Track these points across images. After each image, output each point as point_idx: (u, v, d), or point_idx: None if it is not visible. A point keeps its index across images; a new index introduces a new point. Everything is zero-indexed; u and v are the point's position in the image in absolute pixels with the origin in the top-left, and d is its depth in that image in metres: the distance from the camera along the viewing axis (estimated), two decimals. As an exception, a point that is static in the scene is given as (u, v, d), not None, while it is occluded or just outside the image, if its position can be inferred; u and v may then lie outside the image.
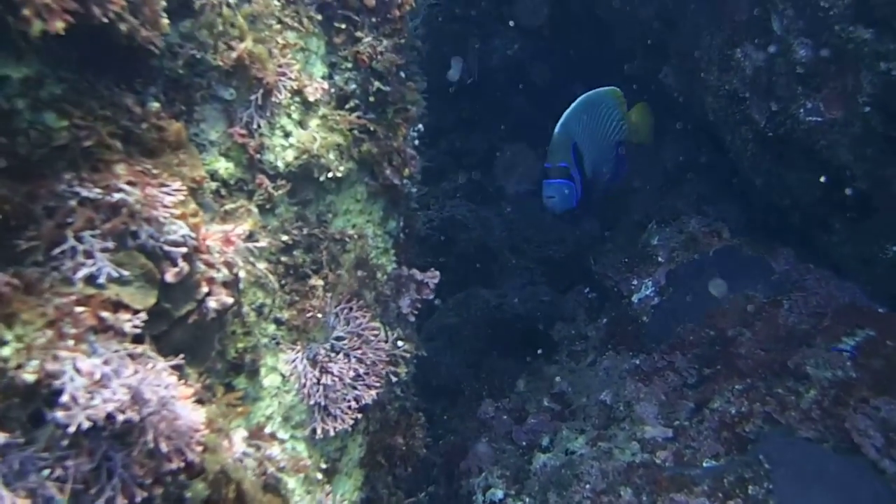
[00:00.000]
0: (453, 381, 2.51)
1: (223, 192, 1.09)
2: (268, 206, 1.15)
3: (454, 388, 2.48)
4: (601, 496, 1.79)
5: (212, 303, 0.94)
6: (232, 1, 1.05)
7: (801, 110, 1.88)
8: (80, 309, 0.80)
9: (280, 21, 1.14)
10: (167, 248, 0.88)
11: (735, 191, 2.42)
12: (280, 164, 1.15)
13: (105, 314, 0.81)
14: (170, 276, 0.88)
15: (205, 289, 0.93)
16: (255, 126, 1.11)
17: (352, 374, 1.19)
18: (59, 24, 0.74)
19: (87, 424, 0.75)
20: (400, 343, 1.32)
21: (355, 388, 1.20)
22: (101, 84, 0.89)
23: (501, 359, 2.58)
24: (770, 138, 2.03)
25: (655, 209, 2.57)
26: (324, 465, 1.20)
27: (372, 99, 1.26)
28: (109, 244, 0.83)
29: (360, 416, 1.21)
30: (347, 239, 1.26)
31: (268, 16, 1.11)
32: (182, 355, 0.89)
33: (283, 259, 1.17)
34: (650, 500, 1.72)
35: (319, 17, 1.20)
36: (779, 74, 1.94)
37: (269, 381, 1.14)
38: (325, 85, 1.19)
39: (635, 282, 2.32)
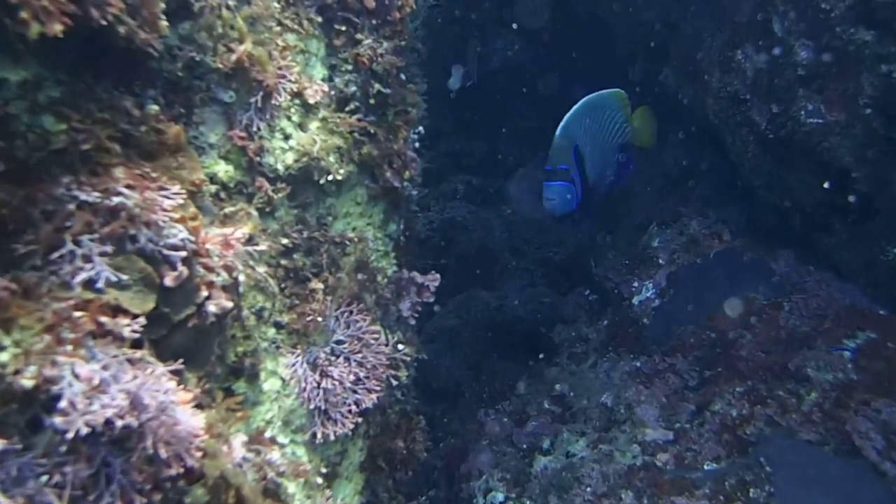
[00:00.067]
0: (454, 383, 2.50)
1: (223, 195, 1.08)
2: (268, 210, 1.14)
3: (454, 390, 2.48)
4: (602, 499, 1.79)
5: (211, 307, 0.94)
6: (231, 3, 1.04)
7: (802, 112, 1.88)
8: (78, 314, 0.79)
9: (280, 23, 1.14)
10: (166, 251, 0.87)
11: (736, 193, 2.41)
12: (280, 166, 1.14)
13: (104, 319, 0.81)
14: (169, 281, 0.87)
15: (204, 293, 0.93)
16: (255, 129, 1.10)
17: (352, 377, 1.19)
18: (57, 27, 0.73)
19: (85, 430, 0.75)
20: (400, 346, 1.31)
21: (355, 391, 1.19)
22: (99, 87, 0.88)
23: (502, 361, 2.57)
24: (771, 140, 2.03)
25: (656, 211, 2.57)
26: (324, 470, 1.19)
27: (372, 101, 1.26)
28: (108, 248, 0.83)
29: (360, 420, 1.20)
30: (348, 242, 1.25)
31: (267, 18, 1.10)
32: (181, 360, 0.89)
33: (282, 262, 1.16)
34: (651, 503, 1.72)
35: (319, 19, 1.19)
36: (780, 76, 1.93)
37: (269, 385, 1.13)
38: (326, 87, 1.18)
39: (636, 284, 2.31)
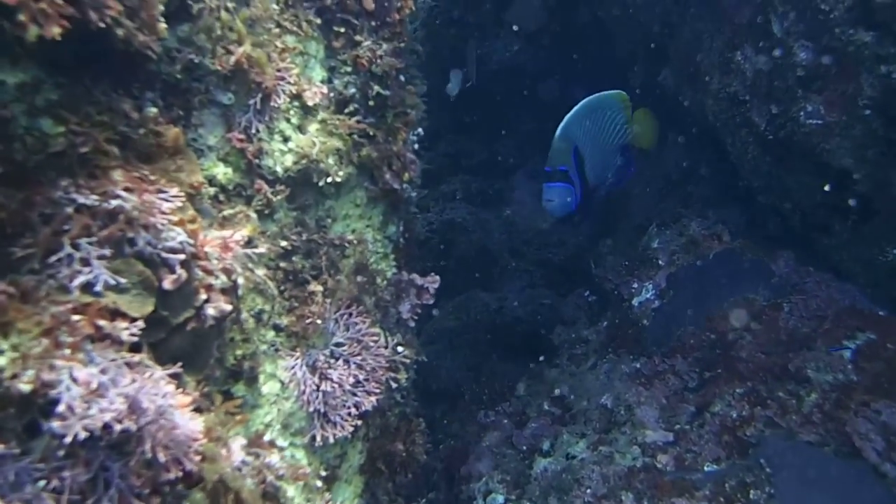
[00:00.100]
0: (453, 384, 2.50)
1: (221, 197, 1.08)
2: (267, 212, 1.14)
3: (454, 392, 2.47)
4: (602, 501, 1.78)
5: (210, 310, 0.93)
6: (230, 5, 1.04)
7: (802, 113, 1.88)
8: (76, 317, 0.79)
9: (279, 25, 1.13)
10: (165, 254, 0.87)
11: (736, 194, 2.41)
12: (279, 168, 1.14)
13: (102, 322, 0.80)
14: (167, 284, 0.87)
15: (203, 296, 0.93)
16: (254, 131, 1.10)
17: (351, 380, 1.18)
18: (55, 30, 0.73)
19: (83, 434, 0.74)
20: (400, 348, 1.31)
21: (355, 394, 1.19)
22: (97, 89, 0.88)
23: (501, 362, 2.57)
24: (770, 141, 2.03)
25: (656, 212, 2.56)
26: (323, 473, 1.19)
27: (371, 103, 1.25)
28: (106, 251, 0.83)
29: (359, 422, 1.20)
30: (347, 244, 1.25)
31: (266, 20, 1.10)
32: (180, 363, 0.89)
33: (282, 265, 1.16)
34: (651, 505, 1.71)
35: (318, 20, 1.19)
36: (779, 77, 1.93)
37: (268, 388, 1.13)
38: (325, 89, 1.18)
39: (636, 285, 2.31)
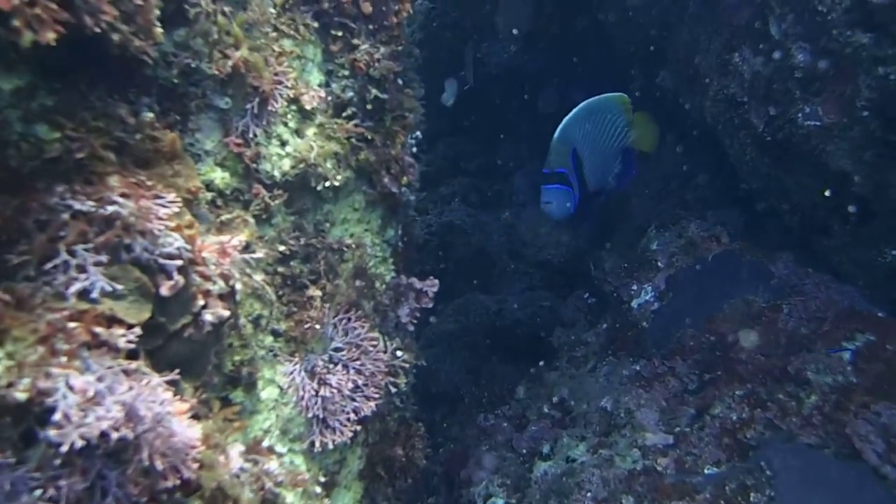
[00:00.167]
0: (453, 387, 2.49)
1: (219, 202, 1.07)
2: (264, 216, 1.13)
3: (454, 394, 2.46)
4: (602, 504, 1.78)
5: (208, 316, 0.93)
6: (227, 9, 1.04)
7: (800, 115, 1.88)
8: (72, 324, 0.78)
9: (276, 29, 1.13)
10: (162, 260, 0.87)
11: (734, 195, 2.41)
12: (277, 173, 1.13)
13: (99, 329, 0.80)
14: (165, 290, 0.86)
15: (201, 302, 0.92)
16: (252, 135, 1.09)
17: (350, 385, 1.18)
18: (50, 35, 0.72)
19: (80, 443, 0.74)
20: (399, 353, 1.30)
21: (354, 399, 1.18)
22: (93, 94, 0.87)
23: (501, 365, 2.56)
24: (769, 143, 2.03)
25: (655, 214, 2.56)
26: (322, 479, 1.18)
27: (369, 106, 1.25)
28: (103, 258, 0.82)
29: (359, 427, 1.19)
30: (345, 248, 1.24)
31: (264, 24, 1.09)
32: (177, 370, 0.88)
33: (280, 269, 1.16)
34: (652, 508, 1.71)
35: (316, 24, 1.18)
36: (777, 79, 1.93)
37: (267, 393, 1.12)
38: (322, 93, 1.17)
39: (635, 287, 2.31)
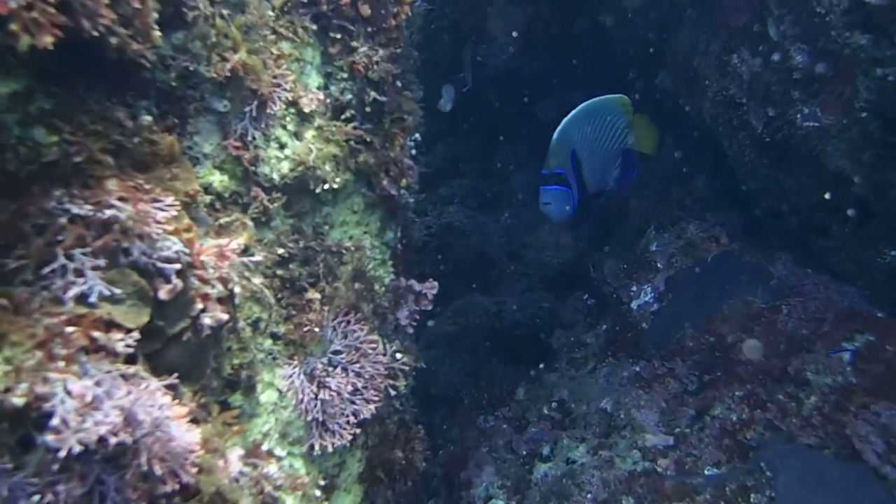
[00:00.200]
0: (452, 389, 2.48)
1: (218, 205, 1.07)
2: (263, 219, 1.13)
3: (453, 397, 2.46)
4: (602, 506, 1.77)
5: (206, 319, 0.92)
6: (225, 12, 1.04)
7: (799, 116, 1.88)
8: (70, 329, 0.78)
9: (275, 31, 1.13)
10: (160, 264, 0.86)
11: (733, 196, 2.41)
12: (275, 176, 1.13)
13: (97, 334, 0.79)
14: (163, 294, 0.86)
15: (199, 305, 0.92)
16: (250, 138, 1.09)
17: (350, 388, 1.18)
18: (47, 39, 0.72)
19: (78, 448, 0.73)
20: (398, 355, 1.30)
21: (353, 402, 1.18)
22: (91, 98, 0.87)
23: (501, 366, 2.56)
24: (767, 144, 2.03)
25: (654, 215, 2.56)
26: (322, 482, 1.18)
27: (368, 109, 1.25)
28: (101, 262, 0.82)
29: (358, 430, 1.19)
30: (344, 251, 1.24)
31: (262, 26, 1.09)
32: (176, 374, 0.88)
33: (279, 272, 1.15)
34: (652, 510, 1.71)
35: (314, 27, 1.18)
36: (775, 80, 1.93)
37: (266, 397, 1.12)
38: (321, 95, 1.17)
39: (634, 288, 2.30)
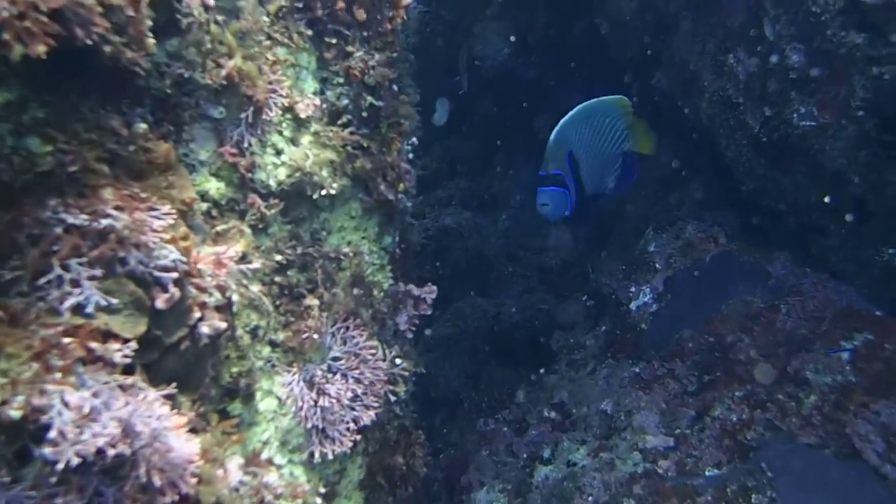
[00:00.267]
0: (452, 392, 2.48)
1: (214, 212, 1.07)
2: (260, 226, 1.12)
3: (453, 399, 2.45)
4: (604, 508, 1.77)
5: (204, 328, 0.92)
6: (220, 18, 1.03)
7: (795, 115, 1.88)
8: (67, 340, 0.77)
9: (270, 37, 1.12)
10: (157, 273, 0.86)
11: (731, 196, 2.41)
12: (272, 182, 1.13)
13: (94, 344, 0.79)
14: (160, 303, 0.86)
15: (197, 314, 0.91)
16: (246, 144, 1.09)
17: (350, 394, 1.17)
18: (40, 49, 0.71)
19: (76, 460, 0.73)
20: (398, 361, 1.29)
21: (353, 409, 1.17)
22: (85, 106, 0.86)
23: (500, 368, 2.55)
24: (764, 143, 2.03)
25: (652, 215, 2.56)
26: (322, 490, 1.17)
27: (365, 114, 1.24)
28: (97, 272, 0.81)
29: (358, 437, 1.18)
30: (343, 257, 1.24)
31: (257, 32, 1.09)
32: (174, 384, 0.87)
33: (277, 279, 1.15)
34: (653, 512, 1.70)
35: (310, 32, 1.18)
36: (772, 80, 1.94)
37: (265, 405, 1.11)
38: (317, 101, 1.17)
39: (633, 289, 2.30)
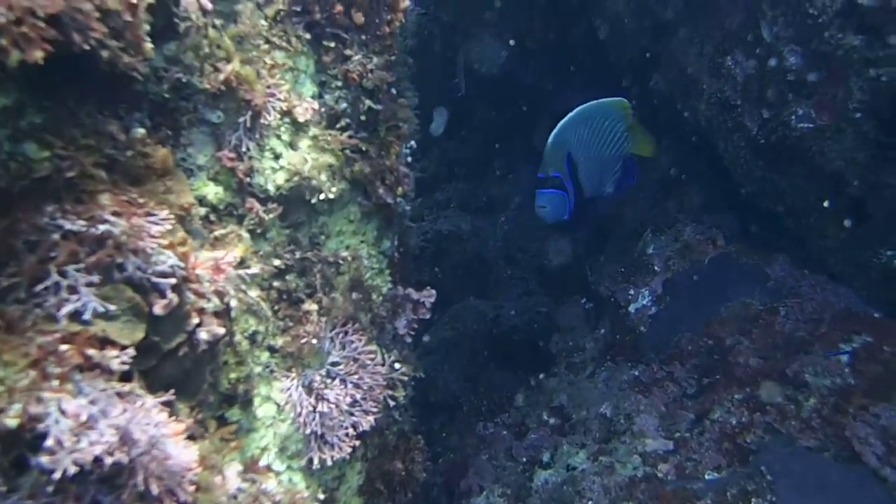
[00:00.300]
0: (451, 396, 2.47)
1: (212, 217, 1.06)
2: (259, 231, 1.12)
3: (452, 403, 2.45)
4: (604, 512, 1.77)
5: (202, 334, 0.91)
6: (218, 22, 1.03)
7: (793, 117, 1.88)
8: (64, 347, 0.77)
9: (268, 41, 1.12)
10: (155, 279, 0.85)
11: (729, 198, 2.41)
12: (270, 186, 1.12)
13: (91, 351, 0.78)
14: (158, 309, 0.85)
15: (195, 320, 0.91)
16: (244, 149, 1.08)
17: (348, 400, 1.16)
18: (38, 54, 0.71)
19: (73, 469, 0.72)
20: (397, 365, 1.29)
21: (352, 414, 1.17)
22: (83, 111, 0.86)
23: (499, 371, 2.55)
24: (762, 145, 2.03)
25: (650, 217, 2.56)
26: (321, 496, 1.16)
27: (363, 117, 1.24)
28: (95, 278, 0.80)
29: (357, 443, 1.17)
30: (341, 261, 1.23)
31: (255, 36, 1.08)
32: (172, 390, 0.86)
33: (275, 284, 1.14)
34: (653, 515, 1.70)
35: (308, 35, 1.17)
36: (770, 82, 1.94)
37: (264, 411, 1.10)
38: (315, 105, 1.16)
39: (632, 291, 2.30)
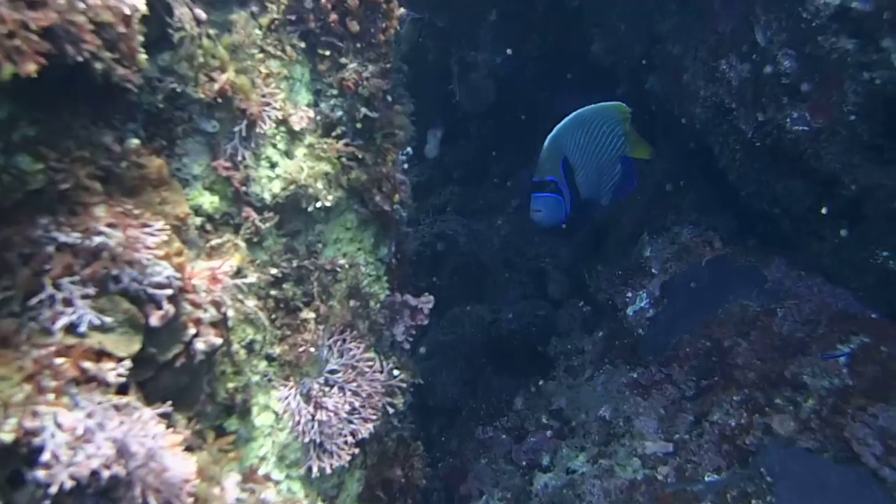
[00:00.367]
0: (450, 400, 2.47)
1: (209, 226, 1.06)
2: (255, 240, 1.12)
3: (451, 407, 2.44)
4: (604, 515, 1.77)
5: (199, 344, 0.91)
6: (212, 32, 1.03)
7: (788, 120, 1.89)
8: (60, 360, 0.76)
9: (262, 50, 1.12)
10: (151, 290, 0.85)
11: (726, 200, 2.42)
12: (267, 195, 1.12)
13: (87, 364, 0.78)
14: (155, 320, 0.85)
15: (192, 330, 0.90)
16: (240, 158, 1.08)
17: (347, 407, 1.16)
18: (31, 67, 0.71)
19: (70, 483, 0.72)
20: (396, 372, 1.28)
21: (351, 422, 1.16)
22: (77, 123, 0.85)
23: (497, 375, 2.54)
24: (758, 148, 2.04)
25: (647, 220, 2.56)
26: (321, 504, 1.16)
27: (359, 125, 1.24)
28: (90, 290, 0.80)
29: (356, 450, 1.17)
30: (338, 268, 1.23)
31: (250, 45, 1.08)
32: (170, 401, 0.86)
33: (272, 293, 1.14)
34: (654, 518, 1.70)
35: (303, 44, 1.17)
36: (764, 85, 1.95)
37: (262, 420, 1.10)
38: (311, 113, 1.16)
39: (630, 294, 2.30)
